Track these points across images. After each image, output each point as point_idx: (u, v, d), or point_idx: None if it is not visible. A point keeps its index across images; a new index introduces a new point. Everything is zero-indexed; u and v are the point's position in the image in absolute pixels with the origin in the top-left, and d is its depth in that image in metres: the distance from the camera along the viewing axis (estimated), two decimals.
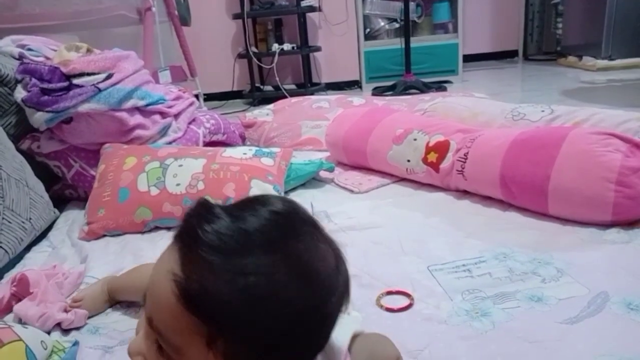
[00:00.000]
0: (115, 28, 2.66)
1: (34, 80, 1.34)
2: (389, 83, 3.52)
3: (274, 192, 1.27)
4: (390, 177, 1.41)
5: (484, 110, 1.49)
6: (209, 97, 3.56)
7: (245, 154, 1.36)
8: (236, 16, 3.68)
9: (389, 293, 0.85)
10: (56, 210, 1.32)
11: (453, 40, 3.74)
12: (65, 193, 1.47)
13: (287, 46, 3.67)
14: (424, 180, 1.32)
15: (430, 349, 0.69)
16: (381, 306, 0.81)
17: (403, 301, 0.82)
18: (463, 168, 1.21)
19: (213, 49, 3.84)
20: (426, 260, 0.94)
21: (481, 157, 1.18)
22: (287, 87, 3.75)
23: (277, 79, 3.63)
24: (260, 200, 0.42)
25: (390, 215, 1.17)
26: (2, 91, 1.36)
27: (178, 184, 1.24)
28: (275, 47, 3.64)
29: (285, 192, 1.37)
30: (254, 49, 3.73)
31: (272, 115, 2.09)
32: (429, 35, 3.84)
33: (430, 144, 1.30)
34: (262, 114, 2.12)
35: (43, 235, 1.23)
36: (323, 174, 1.49)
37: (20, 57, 1.44)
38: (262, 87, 3.95)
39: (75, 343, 0.74)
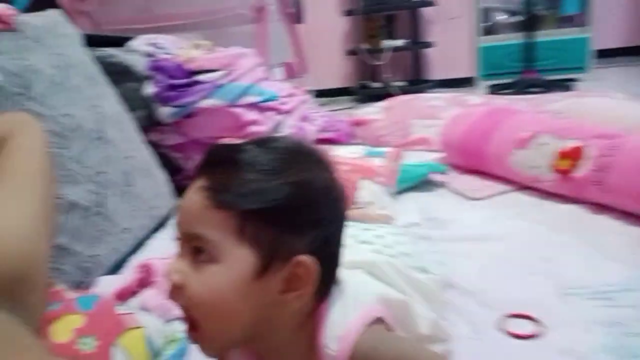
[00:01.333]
0: (234, 27, 2.79)
1: (161, 76, 1.42)
2: (507, 81, 3.30)
3: (383, 194, 1.22)
4: (512, 184, 1.29)
5: (628, 114, 1.31)
6: (317, 94, 3.60)
7: (355, 153, 1.33)
8: (347, 13, 3.68)
9: (514, 316, 0.76)
10: (177, 200, 1.39)
11: (582, 34, 3.40)
12: (186, 184, 1.54)
13: (398, 42, 3.59)
14: (552, 190, 1.19)
15: None
16: (504, 330, 0.73)
17: (531, 327, 0.73)
18: (602, 179, 1.06)
19: (323, 46, 3.87)
20: (557, 283, 0.83)
21: (626, 167, 1.03)
22: (397, 84, 3.67)
23: (387, 76, 3.57)
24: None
25: (513, 227, 1.06)
26: (134, 86, 1.46)
27: None
28: (386, 43, 3.58)
29: (395, 195, 1.31)
30: (364, 45, 3.70)
31: (382, 113, 2.04)
32: (554, 29, 3.53)
33: (563, 150, 1.16)
34: (372, 111, 2.07)
35: (165, 222, 1.30)
36: (435, 176, 1.41)
37: (151, 55, 1.54)
38: (371, 84, 3.91)
39: None
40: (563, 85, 3.11)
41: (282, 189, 0.45)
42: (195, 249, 0.45)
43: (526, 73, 3.22)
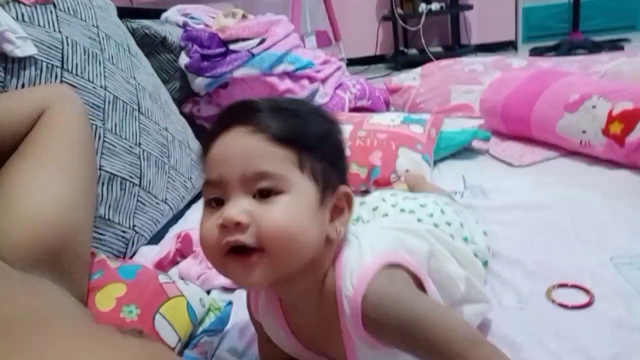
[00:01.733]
0: None
1: (195, 46, 1.41)
2: (551, 43, 3.14)
3: (422, 162, 1.19)
4: (558, 149, 1.23)
5: None
6: (350, 62, 3.52)
7: (393, 120, 1.29)
8: None
9: (562, 286, 0.73)
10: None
11: None
12: None
13: (435, 6, 3.46)
14: (602, 155, 1.13)
15: (621, 359, 0.58)
16: (552, 300, 0.70)
17: (580, 297, 0.70)
18: None
19: (357, 13, 3.77)
20: (609, 251, 0.79)
21: None
22: (432, 50, 3.55)
23: (423, 41, 3.45)
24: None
25: (560, 194, 1.01)
26: (168, 58, 1.45)
27: None
28: (423, 7, 3.46)
29: (435, 163, 1.28)
30: (399, 10, 3.58)
31: (420, 80, 1.97)
32: None
33: (614, 113, 1.10)
34: (409, 78, 2.01)
35: (201, 193, 1.31)
36: (477, 144, 1.36)
37: (184, 26, 1.53)
38: (406, 50, 3.80)
39: (230, 303, 0.76)
40: (612, 46, 2.94)
41: (321, 128, 0.50)
42: (259, 189, 0.45)
43: (572, 35, 3.05)
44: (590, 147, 1.14)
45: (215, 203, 0.47)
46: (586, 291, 0.71)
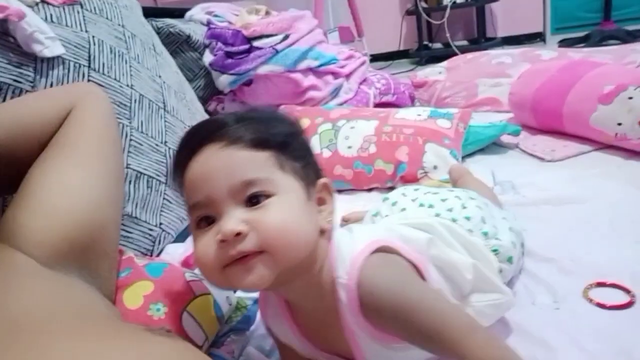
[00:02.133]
0: None
1: (219, 44, 1.41)
2: (581, 34, 3.05)
3: (450, 158, 1.16)
4: (592, 143, 1.19)
5: None
6: (374, 58, 3.49)
7: (419, 115, 1.27)
8: None
9: (601, 285, 0.70)
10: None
11: None
12: None
13: None
14: (639, 149, 1.09)
15: None
16: (590, 300, 0.67)
17: (620, 297, 0.67)
18: None
19: (380, 7, 3.73)
20: None
21: None
22: (457, 43, 3.49)
23: (448, 35, 3.40)
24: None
25: (596, 188, 0.97)
26: (193, 56, 1.46)
27: (349, 147, 1.21)
28: (448, 0, 3.39)
29: (463, 158, 1.25)
30: (423, 4, 3.53)
31: (445, 74, 1.94)
32: None
33: None
34: (434, 72, 1.98)
35: None
36: (506, 138, 1.33)
37: (208, 24, 1.53)
38: (430, 44, 3.74)
39: (256, 301, 0.75)
40: None
41: (287, 128, 0.52)
42: (248, 196, 0.46)
43: (604, 24, 2.96)
44: (626, 140, 1.10)
45: (206, 222, 0.47)
46: (626, 290, 0.68)
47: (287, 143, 0.50)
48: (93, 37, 0.97)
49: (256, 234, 0.44)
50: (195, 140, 0.49)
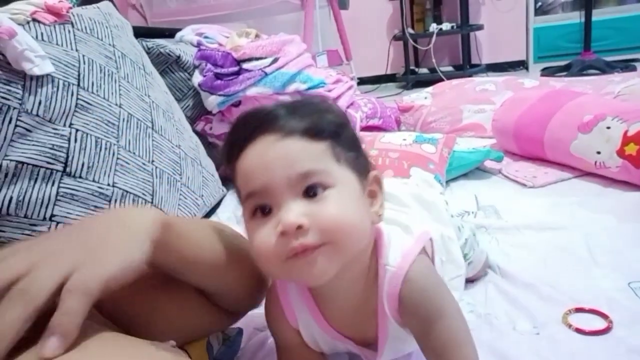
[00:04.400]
0: (279, 15, 2.78)
1: (209, 65, 1.42)
2: (562, 63, 3.13)
3: (434, 182, 1.18)
4: (572, 170, 1.22)
5: None
6: (361, 81, 3.54)
7: (405, 139, 1.29)
8: None
9: (579, 310, 0.71)
10: (224, 189, 1.40)
11: None
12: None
13: (445, 26, 3.48)
14: (617, 177, 1.12)
15: None
16: (569, 326, 0.69)
17: (598, 323, 0.68)
18: None
19: (368, 32, 3.80)
20: (626, 276, 0.77)
21: None
22: (443, 69, 3.56)
23: (434, 60, 3.47)
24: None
25: (575, 216, 1.00)
26: (182, 76, 1.47)
27: None
28: (433, 27, 3.48)
29: (447, 182, 1.27)
30: (410, 30, 3.61)
31: (431, 99, 1.98)
32: (615, 7, 3.31)
33: (630, 134, 1.08)
34: (420, 97, 2.02)
35: (212, 211, 1.31)
36: (489, 163, 1.35)
37: (198, 45, 1.55)
38: (416, 69, 3.82)
39: (240, 332, 0.75)
40: (625, 67, 2.92)
41: (337, 118, 0.51)
42: (306, 188, 0.46)
43: (584, 54, 3.05)
44: (605, 169, 1.13)
45: (262, 212, 0.47)
46: (604, 316, 0.69)
47: (339, 133, 0.49)
48: (83, 56, 0.98)
49: (317, 226, 0.44)
50: (248, 130, 0.48)
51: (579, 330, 0.67)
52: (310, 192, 0.45)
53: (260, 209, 0.47)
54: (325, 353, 0.61)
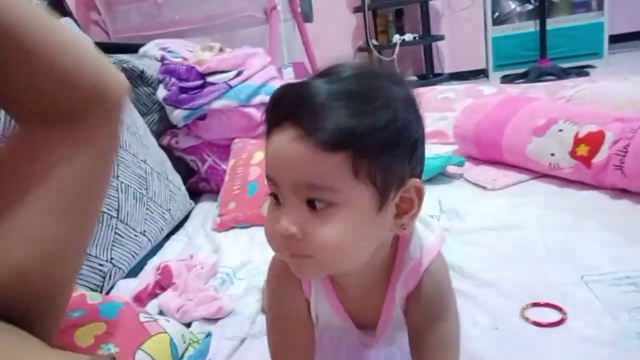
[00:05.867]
0: (244, 29, 2.79)
1: (173, 79, 1.43)
2: (520, 70, 3.25)
3: None
4: (529, 172, 1.27)
5: None
6: None
7: None
8: (357, 9, 3.66)
9: (536, 305, 0.75)
10: (192, 202, 1.39)
11: (597, 19, 3.33)
12: (200, 186, 1.55)
13: (408, 37, 3.57)
14: (571, 177, 1.17)
15: None
16: (526, 319, 0.72)
17: (553, 315, 0.72)
18: (622, 163, 1.04)
19: (334, 44, 3.85)
20: (579, 270, 0.81)
21: None
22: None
23: (398, 70, 3.54)
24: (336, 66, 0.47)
25: (532, 215, 1.04)
26: (146, 91, 1.47)
27: None
28: (396, 38, 3.56)
29: None
30: (374, 41, 3.68)
31: None
32: (567, 16, 3.47)
33: (580, 135, 1.14)
34: None
35: (180, 225, 1.31)
36: (451, 169, 1.39)
37: (162, 59, 1.55)
38: None
39: (208, 335, 0.75)
40: (579, 73, 3.06)
41: (381, 117, 0.43)
42: (309, 200, 0.44)
43: (540, 62, 3.17)
44: (559, 169, 1.19)
45: (274, 197, 0.47)
46: (559, 309, 0.73)
47: (375, 138, 0.43)
48: None
49: (308, 242, 0.44)
50: (279, 112, 0.44)
51: (535, 323, 0.71)
52: (313, 203, 0.44)
53: (273, 195, 0.47)
54: (316, 328, 0.60)
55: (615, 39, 3.49)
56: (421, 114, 0.48)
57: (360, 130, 0.42)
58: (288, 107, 0.44)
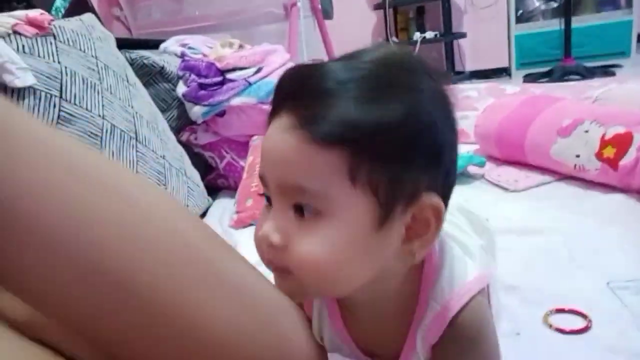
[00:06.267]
0: (264, 25, 2.80)
1: (193, 75, 1.43)
2: (544, 69, 3.19)
3: None
4: (552, 174, 1.24)
5: None
6: None
7: None
8: (377, 6, 3.64)
9: (559, 311, 0.73)
10: (210, 199, 1.40)
11: (625, 17, 3.25)
12: (218, 182, 1.55)
13: (429, 34, 3.53)
14: (597, 179, 1.14)
15: None
16: (550, 326, 0.70)
17: (578, 322, 0.70)
18: None
19: (353, 41, 3.74)
20: (605, 276, 0.79)
21: None
22: None
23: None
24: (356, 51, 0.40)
25: (556, 219, 1.02)
26: (166, 87, 1.47)
27: None
28: (417, 35, 3.53)
29: None
30: (394, 39, 3.65)
31: None
32: (594, 14, 3.39)
33: (607, 137, 1.11)
34: None
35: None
36: (472, 169, 1.37)
37: (182, 55, 1.55)
38: None
39: None
40: (604, 72, 2.99)
41: (397, 111, 0.35)
42: (295, 205, 0.36)
43: (564, 61, 3.11)
44: (584, 171, 1.15)
45: (267, 199, 0.40)
46: (583, 316, 0.71)
47: (384, 135, 0.34)
48: (65, 67, 0.98)
49: (287, 254, 0.37)
50: (280, 96, 0.38)
51: (559, 330, 0.69)
52: (301, 210, 0.36)
53: (265, 196, 0.40)
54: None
55: None
56: (454, 115, 0.39)
57: (367, 123, 0.34)
58: (287, 91, 0.37)
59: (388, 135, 0.34)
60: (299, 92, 0.36)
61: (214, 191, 1.50)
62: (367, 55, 0.38)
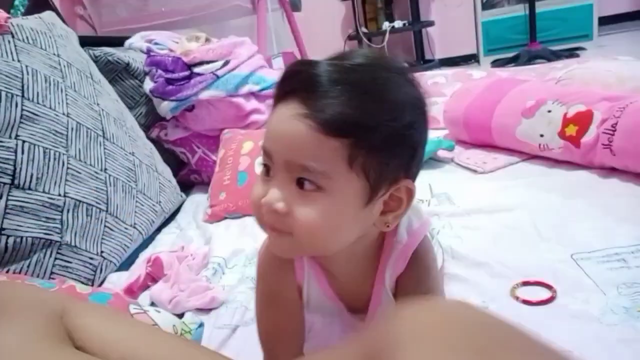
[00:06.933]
0: (231, 19, 2.77)
1: (159, 71, 1.41)
2: (511, 54, 3.24)
3: None
4: (519, 154, 1.28)
5: (634, 75, 1.28)
6: None
7: None
8: None
9: (526, 284, 0.75)
10: (183, 194, 1.39)
11: (586, 1, 3.32)
12: (191, 178, 1.54)
13: (398, 23, 3.55)
14: (560, 157, 1.17)
15: (581, 351, 0.60)
16: (517, 298, 0.72)
17: (543, 293, 0.72)
18: (611, 142, 1.04)
19: (323, 33, 3.82)
20: (569, 248, 0.82)
21: (635, 127, 1.00)
22: None
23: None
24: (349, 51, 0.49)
25: (523, 197, 1.05)
26: (133, 83, 1.45)
27: None
28: (386, 25, 3.54)
29: None
30: (364, 29, 3.66)
31: None
32: None
33: (569, 116, 1.14)
34: None
35: (171, 217, 1.30)
36: (442, 153, 1.39)
37: (148, 51, 1.53)
38: None
39: (201, 325, 0.75)
40: (569, 55, 3.05)
41: (388, 114, 0.43)
42: (299, 179, 0.44)
43: (530, 45, 3.17)
44: (548, 150, 1.19)
45: (266, 169, 0.47)
46: (549, 287, 0.73)
47: (378, 132, 0.43)
48: (26, 66, 0.96)
49: (290, 220, 0.44)
50: (285, 88, 0.45)
51: (525, 302, 0.71)
52: (302, 183, 0.44)
53: (265, 166, 0.47)
54: (307, 311, 0.59)
55: (604, 21, 3.49)
56: (428, 118, 0.48)
57: (365, 121, 0.42)
58: (297, 82, 0.44)
59: (381, 131, 0.43)
60: (308, 85, 0.43)
61: (187, 187, 1.49)
62: (357, 58, 0.46)
